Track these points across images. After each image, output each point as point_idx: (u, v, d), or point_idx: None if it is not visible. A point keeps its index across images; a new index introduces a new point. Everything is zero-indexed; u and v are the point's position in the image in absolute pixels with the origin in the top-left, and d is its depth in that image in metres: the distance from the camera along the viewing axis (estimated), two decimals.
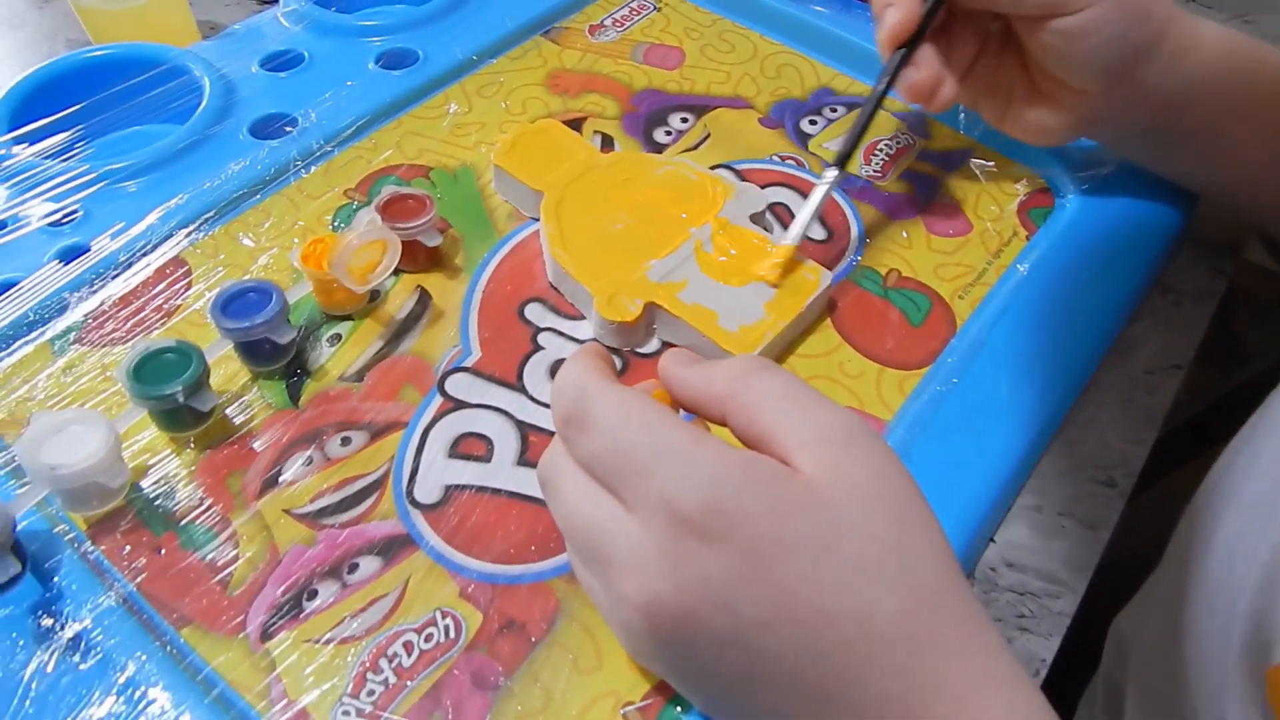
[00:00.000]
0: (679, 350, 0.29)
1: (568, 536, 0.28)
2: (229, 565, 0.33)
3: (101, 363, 0.38)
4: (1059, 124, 0.42)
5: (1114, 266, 0.45)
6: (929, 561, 0.24)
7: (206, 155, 0.46)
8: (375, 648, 0.31)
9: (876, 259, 0.44)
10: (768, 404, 0.26)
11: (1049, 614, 0.36)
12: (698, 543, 0.23)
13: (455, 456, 0.36)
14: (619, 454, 0.25)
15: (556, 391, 0.27)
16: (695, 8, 0.58)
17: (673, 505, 0.23)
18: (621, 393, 0.26)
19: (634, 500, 0.25)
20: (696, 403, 0.28)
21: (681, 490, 0.23)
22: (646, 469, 0.24)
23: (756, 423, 0.26)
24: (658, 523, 0.24)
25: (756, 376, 0.26)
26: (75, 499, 0.32)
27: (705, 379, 0.27)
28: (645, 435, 0.25)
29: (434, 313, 0.41)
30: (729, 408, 0.26)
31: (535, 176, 0.44)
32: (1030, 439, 0.38)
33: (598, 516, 0.26)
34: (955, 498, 0.36)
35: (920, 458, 0.37)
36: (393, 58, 0.53)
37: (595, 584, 0.27)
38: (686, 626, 0.24)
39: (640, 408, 0.26)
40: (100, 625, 0.30)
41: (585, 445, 0.26)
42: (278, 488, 0.35)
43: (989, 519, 0.37)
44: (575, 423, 0.26)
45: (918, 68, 0.40)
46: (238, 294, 0.37)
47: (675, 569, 0.23)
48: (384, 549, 0.34)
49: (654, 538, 0.24)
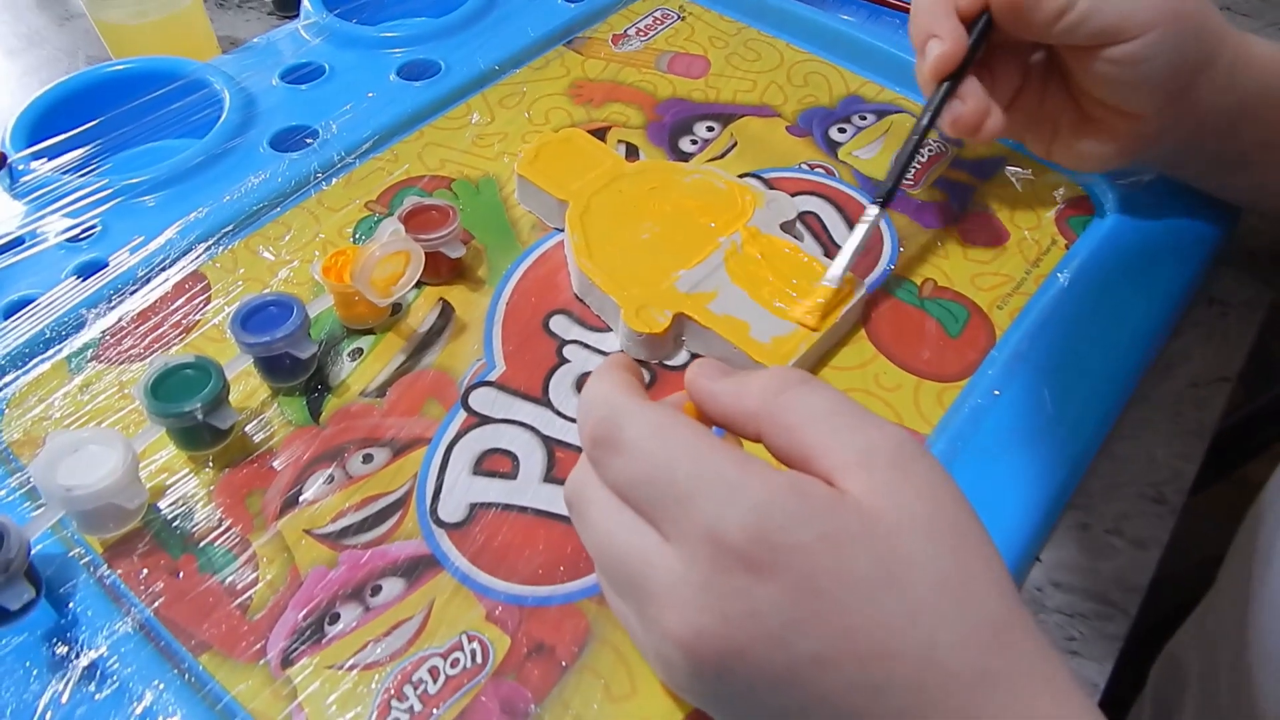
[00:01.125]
0: (706, 361, 0.27)
1: (599, 564, 0.26)
2: (249, 588, 0.32)
3: (119, 380, 0.37)
4: (1112, 152, 0.40)
5: (1157, 276, 0.43)
6: (990, 592, 0.22)
7: (226, 169, 0.45)
8: (400, 674, 0.30)
9: (911, 268, 0.43)
10: (808, 422, 0.24)
11: (1100, 637, 0.35)
12: (746, 576, 0.22)
13: (480, 474, 0.35)
14: (655, 480, 0.24)
15: (584, 409, 0.26)
16: (720, 16, 0.57)
17: (717, 536, 0.22)
18: (655, 412, 0.25)
19: (673, 530, 0.23)
20: (729, 420, 0.26)
21: (726, 520, 0.22)
22: (686, 497, 0.23)
23: (797, 443, 0.24)
24: (701, 555, 0.22)
25: (794, 392, 0.25)
26: (91, 521, 0.31)
27: (737, 394, 0.26)
28: (684, 460, 0.23)
29: (457, 326, 0.40)
30: (765, 427, 0.25)
31: (560, 186, 0.43)
32: (1076, 453, 0.37)
33: (633, 546, 0.24)
34: (1000, 515, 0.35)
35: (962, 473, 0.35)
36: (414, 69, 0.52)
37: (630, 614, 0.25)
38: (735, 663, 0.22)
39: (676, 429, 0.24)
40: (116, 653, 0.29)
41: (617, 469, 0.25)
42: (298, 507, 0.34)
43: (1035, 537, 0.35)
44: (606, 444, 0.25)
45: (963, 100, 0.38)
46: (258, 308, 0.36)
47: (722, 604, 0.22)
48: (408, 570, 0.32)
49: (697, 570, 0.22)
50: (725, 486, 0.22)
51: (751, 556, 0.22)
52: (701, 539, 0.22)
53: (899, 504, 0.22)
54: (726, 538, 0.22)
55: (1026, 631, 0.22)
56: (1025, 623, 0.22)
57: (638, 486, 0.24)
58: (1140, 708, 0.45)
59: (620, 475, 0.25)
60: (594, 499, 0.25)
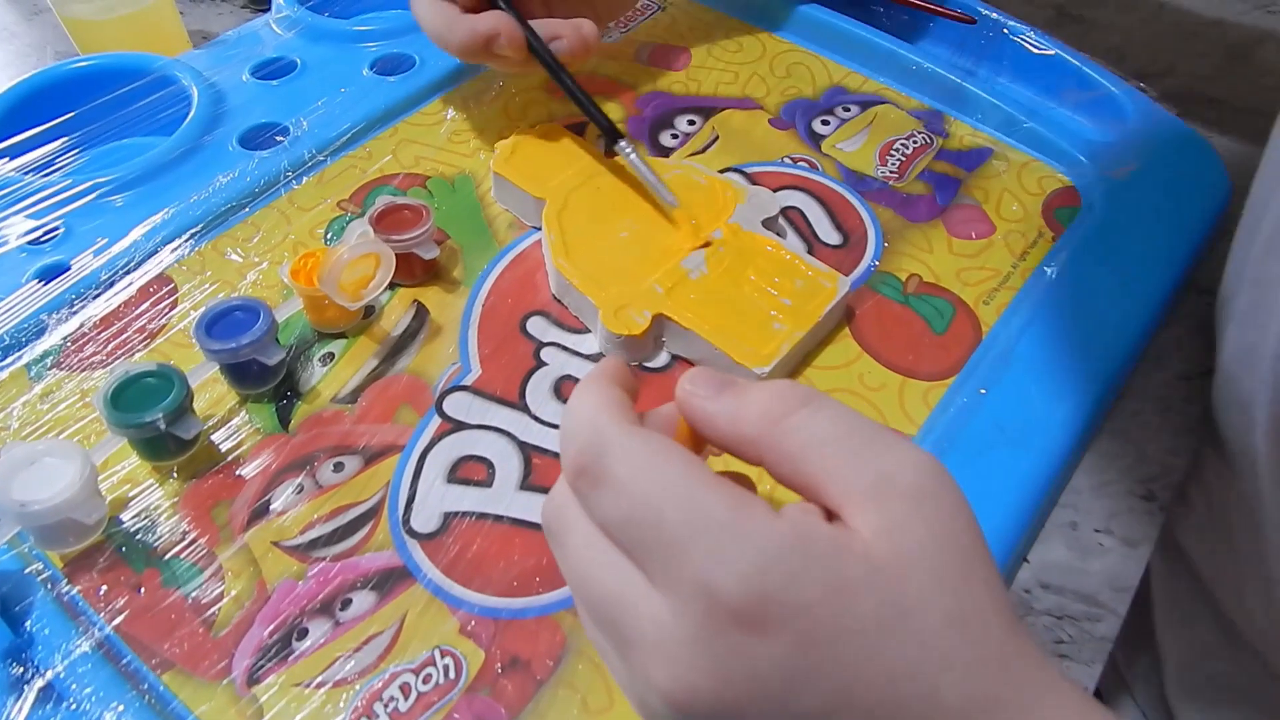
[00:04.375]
0: (698, 373, 0.25)
1: (578, 598, 0.24)
2: (214, 604, 0.31)
3: (81, 388, 0.36)
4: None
5: (1146, 266, 0.42)
6: (995, 621, 0.21)
7: (194, 168, 0.44)
8: (370, 691, 0.29)
9: (895, 264, 0.42)
10: (814, 449, 0.22)
11: (1090, 639, 0.34)
12: (743, 635, 0.20)
13: (454, 482, 0.34)
14: (643, 523, 0.21)
15: (566, 434, 0.24)
16: (702, 7, 0.56)
17: (713, 592, 0.20)
18: (644, 443, 0.22)
19: (664, 580, 0.21)
20: (726, 445, 0.24)
21: (723, 575, 0.20)
22: (678, 546, 0.21)
23: (802, 472, 0.22)
24: (694, 609, 0.20)
25: (797, 416, 0.22)
26: (49, 536, 0.30)
27: (734, 417, 0.23)
28: (674, 502, 0.21)
29: (431, 328, 0.39)
30: (766, 455, 0.23)
31: (536, 183, 0.42)
32: (1064, 451, 0.36)
33: (618, 589, 0.22)
34: (987, 516, 0.33)
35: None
36: (388, 63, 0.51)
37: (609, 651, 0.24)
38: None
39: (667, 463, 0.22)
40: (75, 673, 0.28)
41: (602, 506, 0.22)
42: (266, 518, 0.33)
43: (1023, 538, 0.35)
44: (590, 478, 0.23)
45: (562, 38, 0.43)
46: (223, 313, 0.35)
47: (717, 663, 0.20)
48: (379, 582, 0.31)
49: (689, 625, 0.20)
50: (719, 535, 0.21)
51: (750, 615, 0.20)
52: (694, 592, 0.20)
53: (909, 543, 0.21)
54: (722, 594, 0.20)
55: (1031, 657, 0.21)
56: (1029, 648, 0.22)
57: (623, 527, 0.22)
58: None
59: (605, 513, 0.23)
60: (575, 527, 0.23)
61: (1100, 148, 0.46)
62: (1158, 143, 0.47)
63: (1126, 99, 0.48)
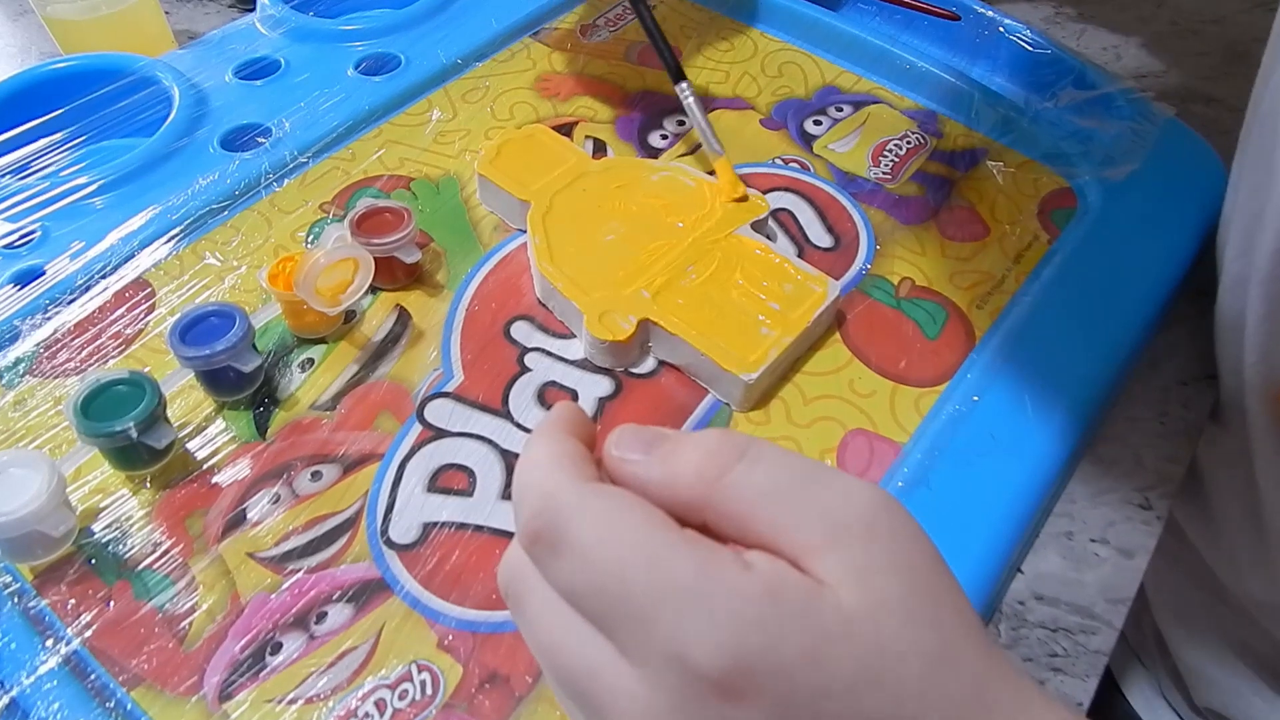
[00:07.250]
0: (624, 432, 0.23)
1: (545, 667, 0.22)
2: (186, 616, 0.30)
3: (54, 395, 0.35)
4: None
5: (1143, 269, 0.41)
6: (968, 653, 0.20)
7: (174, 170, 0.43)
8: (344, 709, 0.28)
9: (887, 267, 0.41)
10: (759, 505, 0.21)
11: (1085, 652, 0.33)
12: (722, 704, 0.19)
13: (435, 491, 0.33)
14: (605, 592, 0.20)
15: (519, 496, 0.22)
16: (693, 5, 0.55)
17: (687, 662, 0.19)
18: (602, 502, 0.21)
19: (634, 651, 0.20)
20: (665, 509, 0.22)
21: (695, 643, 0.19)
22: (646, 615, 0.20)
23: (752, 531, 0.21)
24: (668, 681, 0.19)
25: (734, 472, 0.21)
26: (14, 549, 0.30)
27: (669, 482, 0.22)
28: (639, 569, 0.20)
29: (414, 333, 0.38)
30: (710, 518, 0.21)
31: (521, 185, 0.41)
32: (1059, 459, 0.35)
33: (586, 662, 0.21)
34: (979, 525, 0.33)
35: (940, 483, 0.34)
36: (373, 63, 0.50)
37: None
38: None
39: (627, 526, 0.20)
40: (40, 690, 0.28)
41: (562, 575, 0.21)
42: (242, 528, 0.32)
43: (1016, 548, 0.34)
44: (546, 543, 0.21)
45: None
46: (198, 319, 0.35)
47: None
48: (355, 595, 0.31)
49: (665, 698, 0.19)
50: (689, 601, 0.19)
51: (728, 683, 0.19)
52: (666, 663, 0.19)
53: (876, 585, 0.20)
54: (696, 664, 0.19)
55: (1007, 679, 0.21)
56: (1004, 668, 0.21)
57: (586, 597, 0.21)
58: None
59: (565, 582, 0.21)
60: (535, 593, 0.22)
61: (1097, 148, 0.46)
62: (1156, 143, 0.46)
63: (1124, 98, 0.47)
